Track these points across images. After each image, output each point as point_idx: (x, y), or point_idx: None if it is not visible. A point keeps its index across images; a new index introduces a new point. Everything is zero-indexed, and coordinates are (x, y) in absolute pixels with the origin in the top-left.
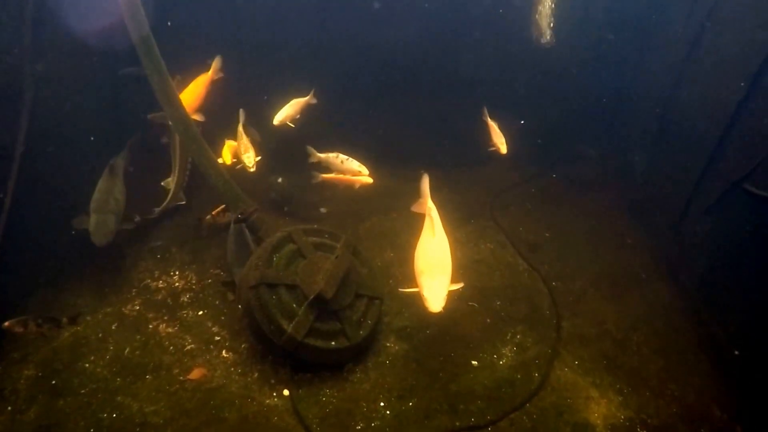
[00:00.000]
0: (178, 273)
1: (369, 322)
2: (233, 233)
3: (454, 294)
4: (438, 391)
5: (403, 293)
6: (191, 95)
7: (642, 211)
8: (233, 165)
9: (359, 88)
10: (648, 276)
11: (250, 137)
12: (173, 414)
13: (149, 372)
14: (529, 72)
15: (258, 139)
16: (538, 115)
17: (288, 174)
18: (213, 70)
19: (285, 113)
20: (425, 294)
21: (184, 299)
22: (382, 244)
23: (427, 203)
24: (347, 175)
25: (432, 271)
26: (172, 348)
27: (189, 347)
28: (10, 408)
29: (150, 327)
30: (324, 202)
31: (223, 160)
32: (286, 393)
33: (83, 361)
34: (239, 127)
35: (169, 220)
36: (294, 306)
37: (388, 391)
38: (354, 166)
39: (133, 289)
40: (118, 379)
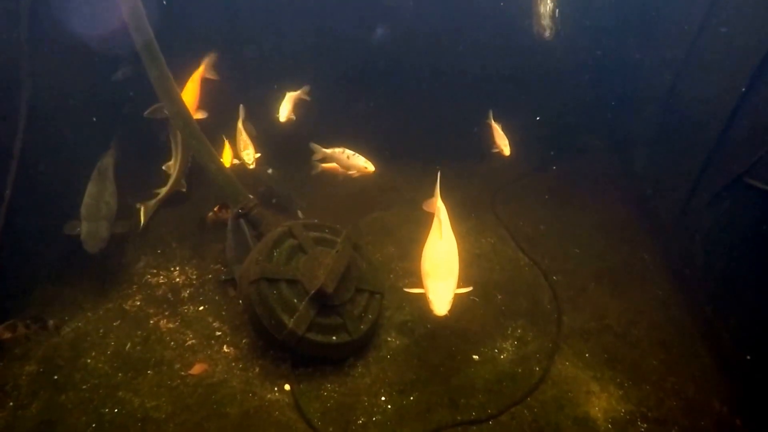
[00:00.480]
0: (178, 268)
1: (370, 316)
2: (231, 230)
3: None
4: (439, 386)
5: (408, 293)
6: (187, 94)
7: (643, 205)
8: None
9: (362, 84)
10: (649, 270)
11: (247, 132)
12: (175, 409)
13: (150, 367)
14: (532, 66)
15: (254, 134)
16: (541, 110)
17: (287, 168)
18: (204, 66)
19: (287, 108)
20: (431, 297)
21: (184, 294)
22: (382, 238)
23: (437, 203)
24: (352, 170)
25: (438, 274)
26: (173, 343)
27: (190, 342)
28: (12, 403)
29: (151, 322)
30: (316, 195)
31: (223, 162)
32: (287, 388)
33: (84, 357)
34: (239, 124)
35: (170, 209)
36: (295, 301)
37: (389, 386)
38: (360, 161)
39: (134, 285)
40: (119, 375)
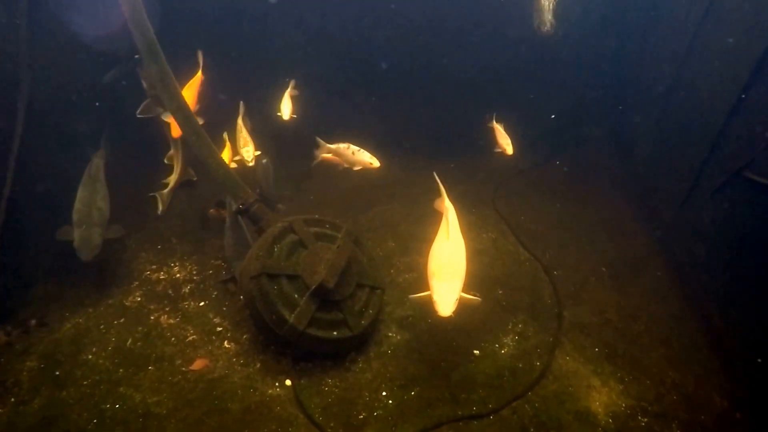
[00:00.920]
0: (179, 264)
1: (371, 311)
2: (230, 227)
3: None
4: (440, 381)
5: (415, 298)
6: (189, 98)
7: (644, 200)
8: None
9: (363, 81)
10: (649, 265)
11: (245, 127)
12: (176, 404)
13: (151, 363)
14: (533, 61)
15: (249, 127)
16: (541, 104)
17: (288, 164)
18: (201, 67)
19: (289, 105)
20: (435, 298)
21: (185, 290)
22: (383, 234)
23: (445, 203)
24: (356, 165)
25: (443, 274)
26: (173, 339)
27: (191, 338)
28: (13, 399)
29: (151, 318)
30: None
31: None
32: (288, 383)
33: (85, 353)
34: (239, 120)
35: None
36: (296, 296)
37: (390, 381)
38: (365, 157)
39: (134, 281)
40: (120, 370)
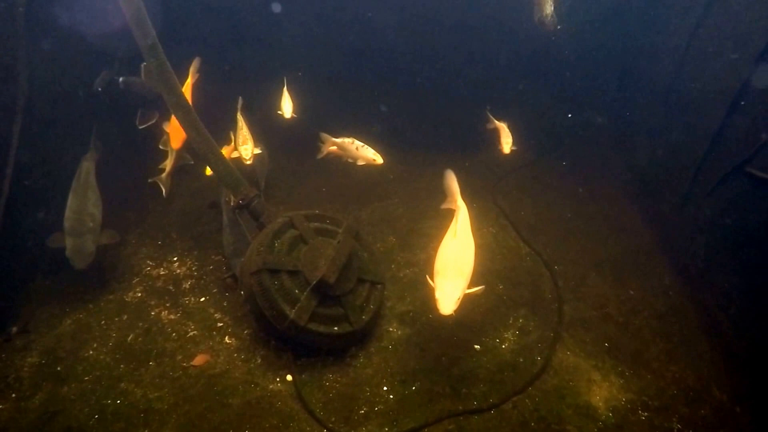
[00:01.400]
0: (179, 260)
1: (371, 307)
2: (228, 225)
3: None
4: (441, 375)
5: (427, 282)
6: None
7: (644, 194)
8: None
9: (365, 77)
10: (650, 259)
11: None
12: (177, 400)
13: (152, 359)
14: (535, 55)
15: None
16: (543, 99)
17: (290, 160)
18: (191, 73)
19: (290, 103)
20: (437, 295)
21: (185, 286)
22: (383, 229)
23: (456, 201)
24: (360, 160)
25: (448, 273)
26: (174, 335)
27: (191, 334)
28: (14, 395)
29: (152, 314)
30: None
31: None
32: (289, 378)
33: (86, 349)
34: (238, 115)
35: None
36: (296, 291)
37: (391, 376)
38: (369, 153)
39: (135, 276)
40: (121, 366)
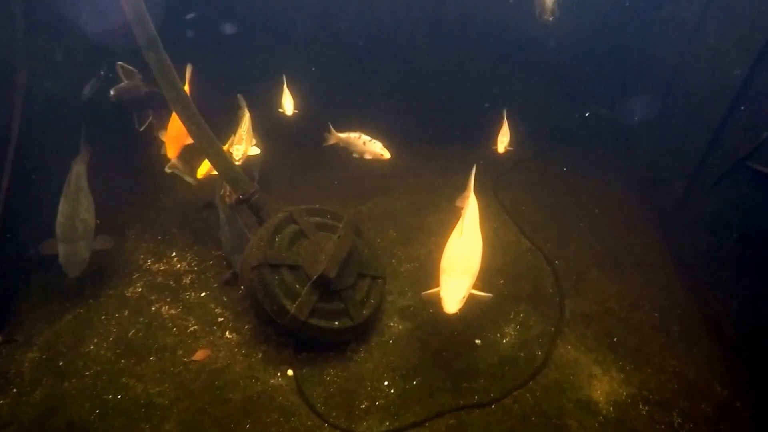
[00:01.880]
0: (179, 255)
1: (372, 301)
2: (226, 222)
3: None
4: (441, 370)
5: (425, 295)
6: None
7: (646, 189)
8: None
9: (367, 72)
10: (651, 254)
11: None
12: (178, 395)
13: (153, 353)
14: (536, 49)
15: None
16: (544, 93)
17: (291, 154)
18: (188, 81)
19: (291, 100)
20: (442, 294)
21: (186, 281)
22: (384, 223)
23: (469, 198)
24: (367, 155)
25: (453, 271)
26: (175, 329)
27: (192, 329)
28: (15, 390)
29: (153, 309)
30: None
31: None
32: (290, 373)
33: (87, 344)
34: (240, 113)
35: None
36: (297, 286)
37: (391, 371)
38: (376, 148)
39: (135, 272)
40: (122, 361)
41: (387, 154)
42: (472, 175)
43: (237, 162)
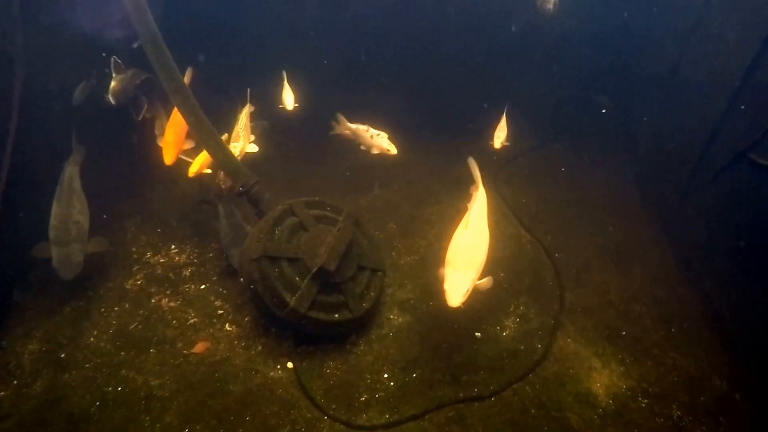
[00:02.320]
0: (179, 247)
1: (372, 294)
2: (224, 216)
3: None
4: (441, 363)
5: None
6: (175, 123)
7: (646, 182)
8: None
9: (366, 65)
10: (651, 247)
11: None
12: (178, 387)
13: (153, 346)
14: (539, 43)
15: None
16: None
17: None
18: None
19: (291, 95)
20: (445, 287)
21: (185, 273)
22: (384, 216)
23: (477, 191)
24: (374, 149)
25: (457, 264)
26: (175, 322)
27: (192, 321)
28: (15, 382)
29: (152, 301)
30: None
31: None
32: (289, 365)
33: (87, 336)
34: (241, 110)
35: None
36: (296, 279)
37: (391, 363)
38: (383, 143)
39: (135, 264)
40: (122, 353)
41: (394, 149)
42: (476, 169)
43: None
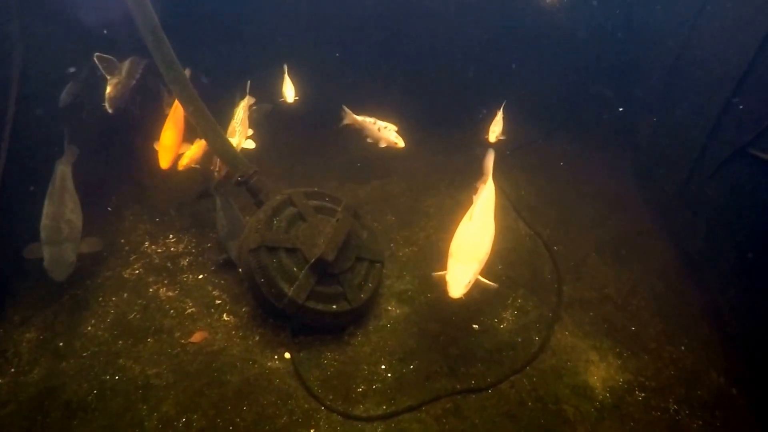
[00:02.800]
0: (177, 237)
1: (370, 285)
2: (221, 207)
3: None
4: (438, 354)
5: (435, 276)
6: (171, 128)
7: (646, 176)
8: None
9: (365, 56)
10: (650, 241)
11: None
12: (175, 377)
13: (150, 335)
14: (540, 32)
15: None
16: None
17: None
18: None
19: (292, 88)
20: (448, 278)
21: (183, 263)
22: (382, 207)
23: (486, 183)
24: (381, 142)
25: (460, 256)
26: (172, 311)
27: (190, 311)
28: (13, 370)
29: (150, 291)
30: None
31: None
32: (287, 356)
33: (84, 324)
34: (241, 101)
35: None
36: (295, 269)
37: (389, 354)
38: (391, 136)
39: (133, 253)
40: (119, 342)
41: (401, 142)
42: (490, 159)
43: None
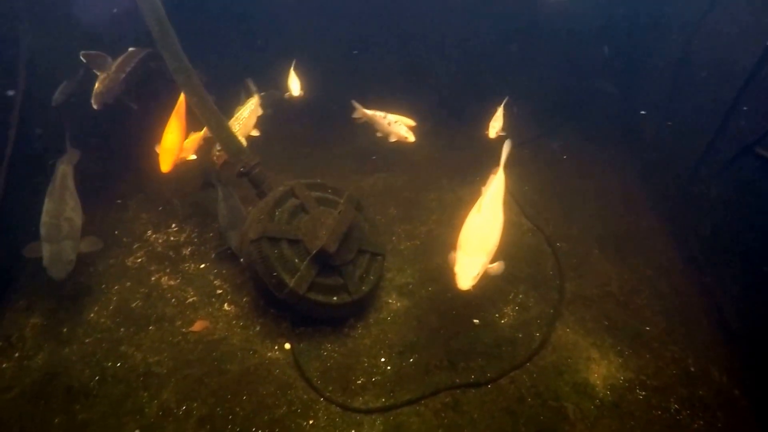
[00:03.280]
0: (179, 226)
1: (371, 278)
2: (223, 198)
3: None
4: (438, 348)
5: (449, 258)
6: (173, 130)
7: (651, 172)
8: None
9: (366, 50)
10: (653, 238)
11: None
12: (176, 364)
13: (152, 323)
14: (543, 28)
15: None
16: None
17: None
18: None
19: (297, 82)
20: (456, 270)
21: (185, 252)
22: (385, 200)
23: (496, 175)
24: (391, 136)
25: (469, 248)
26: (174, 300)
27: (191, 300)
28: (17, 354)
29: (152, 279)
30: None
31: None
32: (287, 346)
33: (87, 311)
34: (248, 100)
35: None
36: (296, 260)
37: (389, 347)
38: (401, 131)
39: (135, 242)
40: (121, 330)
41: (412, 137)
42: (505, 151)
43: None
